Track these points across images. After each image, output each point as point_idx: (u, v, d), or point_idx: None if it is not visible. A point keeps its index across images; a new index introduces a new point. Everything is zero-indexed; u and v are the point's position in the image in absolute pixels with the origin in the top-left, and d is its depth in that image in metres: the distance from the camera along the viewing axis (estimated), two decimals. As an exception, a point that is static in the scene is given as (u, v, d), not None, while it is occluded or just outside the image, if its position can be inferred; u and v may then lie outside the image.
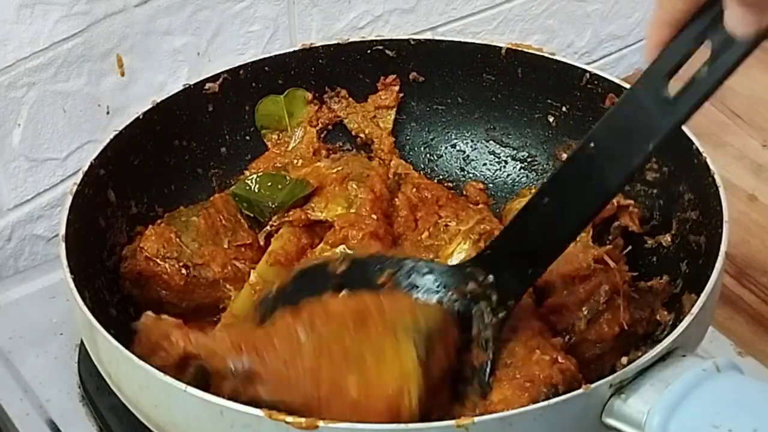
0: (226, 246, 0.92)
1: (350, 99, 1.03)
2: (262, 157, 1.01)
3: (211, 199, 0.96)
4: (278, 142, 1.02)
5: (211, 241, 0.91)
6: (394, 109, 1.04)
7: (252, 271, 0.90)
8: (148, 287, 0.89)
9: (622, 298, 0.84)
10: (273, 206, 0.94)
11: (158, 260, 0.89)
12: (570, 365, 0.79)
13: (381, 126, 1.03)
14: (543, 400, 0.73)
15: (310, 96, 1.02)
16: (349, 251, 0.88)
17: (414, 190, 0.96)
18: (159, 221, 0.92)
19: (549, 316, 0.85)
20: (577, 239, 0.87)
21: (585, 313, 0.84)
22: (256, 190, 0.95)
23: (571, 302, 0.85)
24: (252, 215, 0.95)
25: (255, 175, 0.96)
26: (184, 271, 0.89)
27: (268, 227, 0.93)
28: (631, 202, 0.92)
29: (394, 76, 1.03)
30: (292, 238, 0.92)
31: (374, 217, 0.91)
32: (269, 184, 0.95)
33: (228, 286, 0.90)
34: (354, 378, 0.72)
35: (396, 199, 0.95)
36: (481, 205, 0.98)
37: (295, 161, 1.00)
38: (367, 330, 0.74)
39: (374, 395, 0.72)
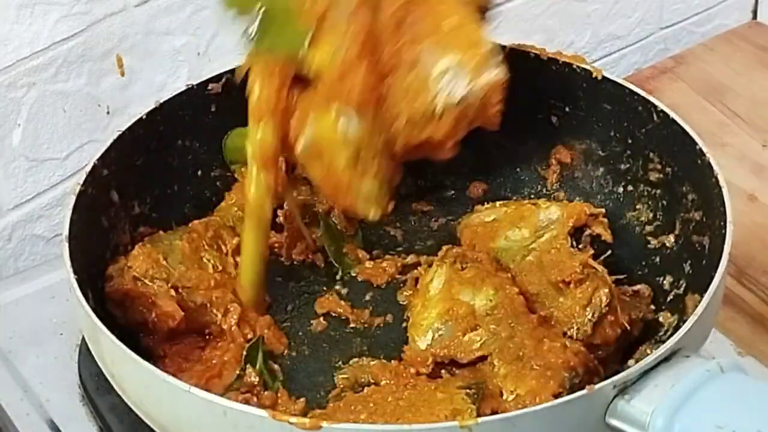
0: (211, 271, 0.89)
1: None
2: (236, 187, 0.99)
3: (191, 224, 0.93)
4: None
5: (197, 265, 0.89)
6: None
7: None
8: (133, 309, 0.85)
9: (617, 301, 0.85)
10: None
11: (147, 281, 0.85)
12: (579, 347, 0.80)
13: None
14: (568, 385, 0.75)
15: None
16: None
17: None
18: (141, 243, 0.89)
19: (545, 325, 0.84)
20: (558, 246, 0.88)
21: (589, 316, 0.84)
22: None
23: (572, 306, 0.85)
24: None
25: None
26: (173, 293, 0.86)
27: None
28: (602, 210, 0.92)
29: None
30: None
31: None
32: None
33: (215, 311, 0.87)
34: None
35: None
36: None
37: None
38: None
39: None
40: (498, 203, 0.97)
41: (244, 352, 0.84)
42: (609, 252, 0.91)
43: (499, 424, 0.68)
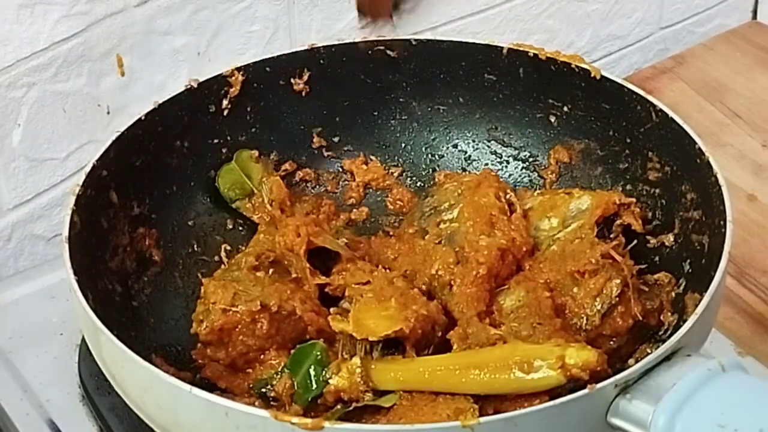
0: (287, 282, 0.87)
1: None
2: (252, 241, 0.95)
3: (236, 258, 0.91)
4: (257, 207, 0.97)
5: (270, 281, 0.86)
6: None
7: None
8: (232, 342, 0.84)
9: (632, 291, 0.85)
10: None
11: (236, 307, 0.83)
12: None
13: None
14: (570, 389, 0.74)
15: (255, 153, 0.99)
16: None
17: None
18: (206, 280, 0.87)
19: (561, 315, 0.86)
20: (583, 236, 0.89)
21: (599, 307, 0.85)
22: None
23: (584, 297, 0.85)
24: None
25: None
26: (264, 312, 0.83)
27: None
28: (633, 200, 0.92)
29: None
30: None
31: None
32: None
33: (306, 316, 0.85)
34: None
35: None
36: None
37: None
38: None
39: None
40: (536, 192, 0.98)
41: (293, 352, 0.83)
42: (635, 242, 0.91)
43: (501, 424, 0.68)
